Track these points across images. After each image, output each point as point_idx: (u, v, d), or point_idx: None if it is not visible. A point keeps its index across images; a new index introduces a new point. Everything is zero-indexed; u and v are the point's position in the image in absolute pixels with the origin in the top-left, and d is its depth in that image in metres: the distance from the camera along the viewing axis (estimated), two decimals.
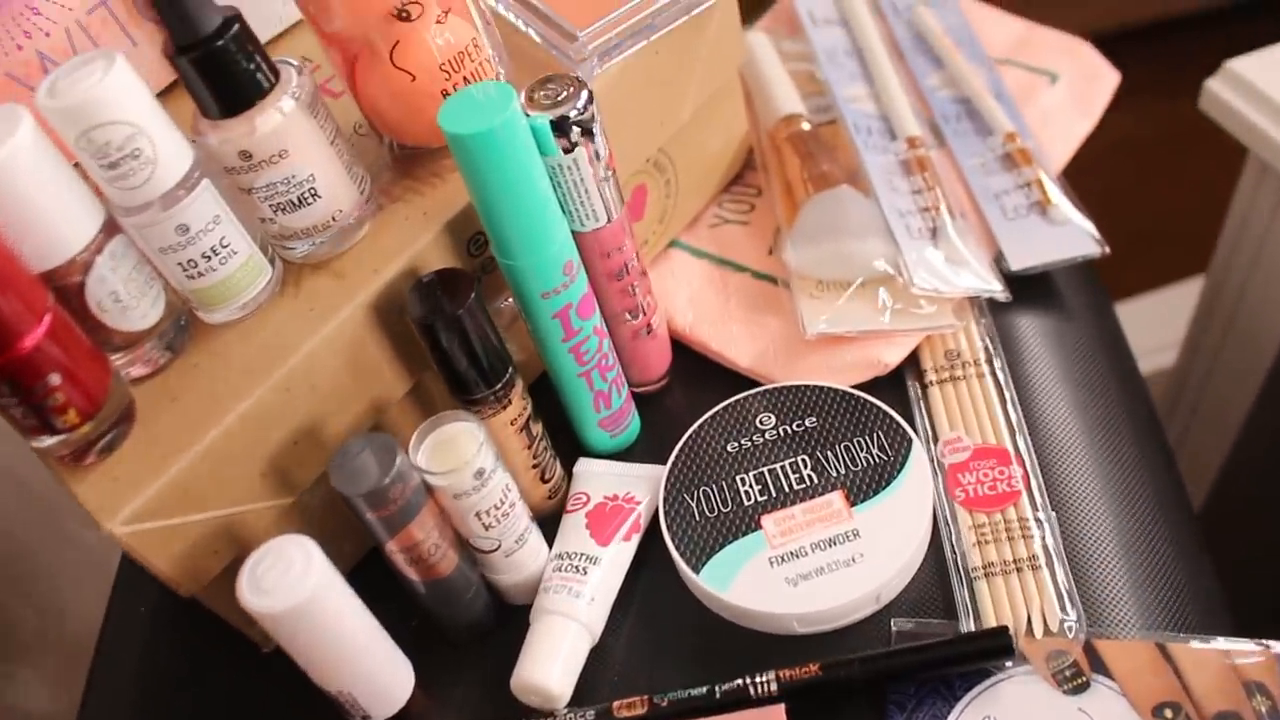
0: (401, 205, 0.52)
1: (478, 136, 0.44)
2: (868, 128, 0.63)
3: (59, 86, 0.43)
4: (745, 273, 0.61)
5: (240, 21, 0.45)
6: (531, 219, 0.47)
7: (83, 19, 0.58)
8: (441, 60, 0.49)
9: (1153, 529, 0.52)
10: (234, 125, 0.46)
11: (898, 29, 0.69)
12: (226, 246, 0.48)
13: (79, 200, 0.45)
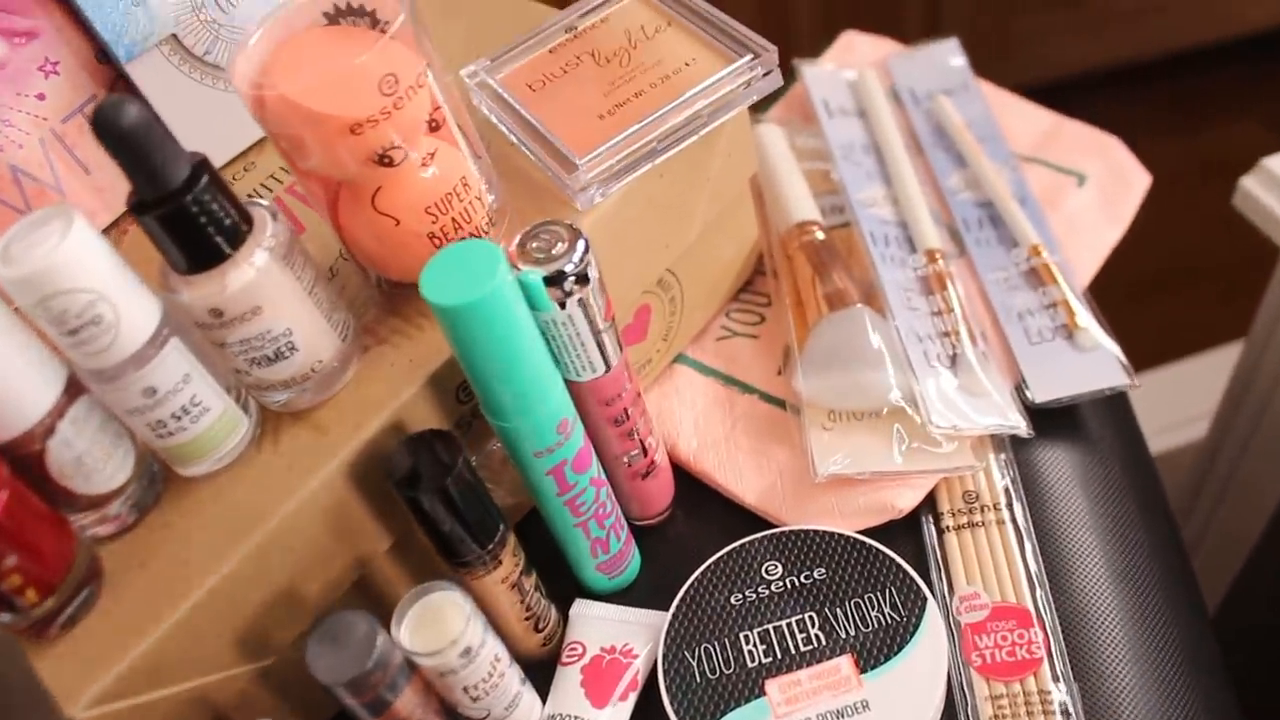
0: (387, 349, 0.48)
1: (464, 308, 0.40)
2: (885, 236, 0.59)
3: (13, 252, 0.40)
4: (754, 394, 0.57)
5: (209, 170, 0.41)
6: (523, 383, 0.43)
7: (58, 128, 0.55)
8: (427, 203, 0.45)
9: (1185, 697, 0.48)
10: (204, 281, 0.42)
11: (917, 120, 0.65)
12: (198, 405, 0.44)
13: (37, 366, 0.41)
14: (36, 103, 0.54)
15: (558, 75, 0.53)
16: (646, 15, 0.54)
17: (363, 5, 0.45)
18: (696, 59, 0.51)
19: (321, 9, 0.45)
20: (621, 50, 0.53)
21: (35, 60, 0.53)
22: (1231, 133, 1.42)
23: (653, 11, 0.54)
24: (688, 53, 0.52)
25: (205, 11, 0.55)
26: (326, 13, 0.45)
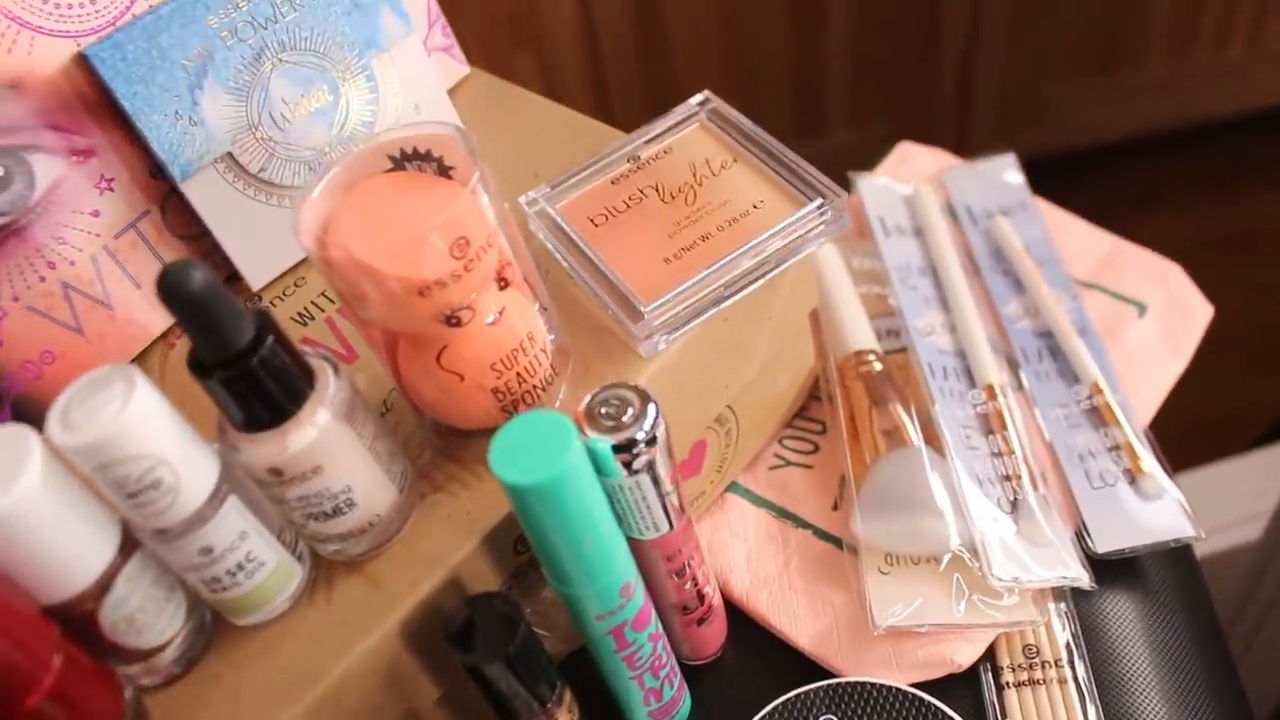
0: (444, 498, 0.47)
1: (535, 487, 0.39)
2: (943, 368, 0.58)
3: (73, 417, 0.38)
4: (808, 530, 0.56)
5: (274, 330, 0.40)
6: (589, 553, 0.42)
7: (110, 244, 0.53)
8: (493, 360, 0.44)
9: None
10: (264, 440, 0.41)
11: (974, 239, 0.64)
12: (253, 560, 0.43)
13: (94, 525, 0.40)
14: (91, 219, 0.52)
15: (621, 210, 0.51)
16: (711, 148, 0.53)
17: (430, 150, 0.44)
18: (764, 201, 0.50)
19: (387, 153, 0.44)
20: (687, 186, 0.51)
21: (92, 177, 0.52)
22: (1262, 203, 1.40)
23: (718, 144, 0.53)
24: (755, 193, 0.50)
25: (261, 129, 0.54)
26: (392, 156, 0.44)
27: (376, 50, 0.56)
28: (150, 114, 0.51)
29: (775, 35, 1.26)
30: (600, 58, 1.24)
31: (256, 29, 0.52)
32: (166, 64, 0.51)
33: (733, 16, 1.23)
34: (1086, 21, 1.26)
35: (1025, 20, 1.25)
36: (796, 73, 1.27)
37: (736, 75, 1.27)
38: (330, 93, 0.55)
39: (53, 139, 0.51)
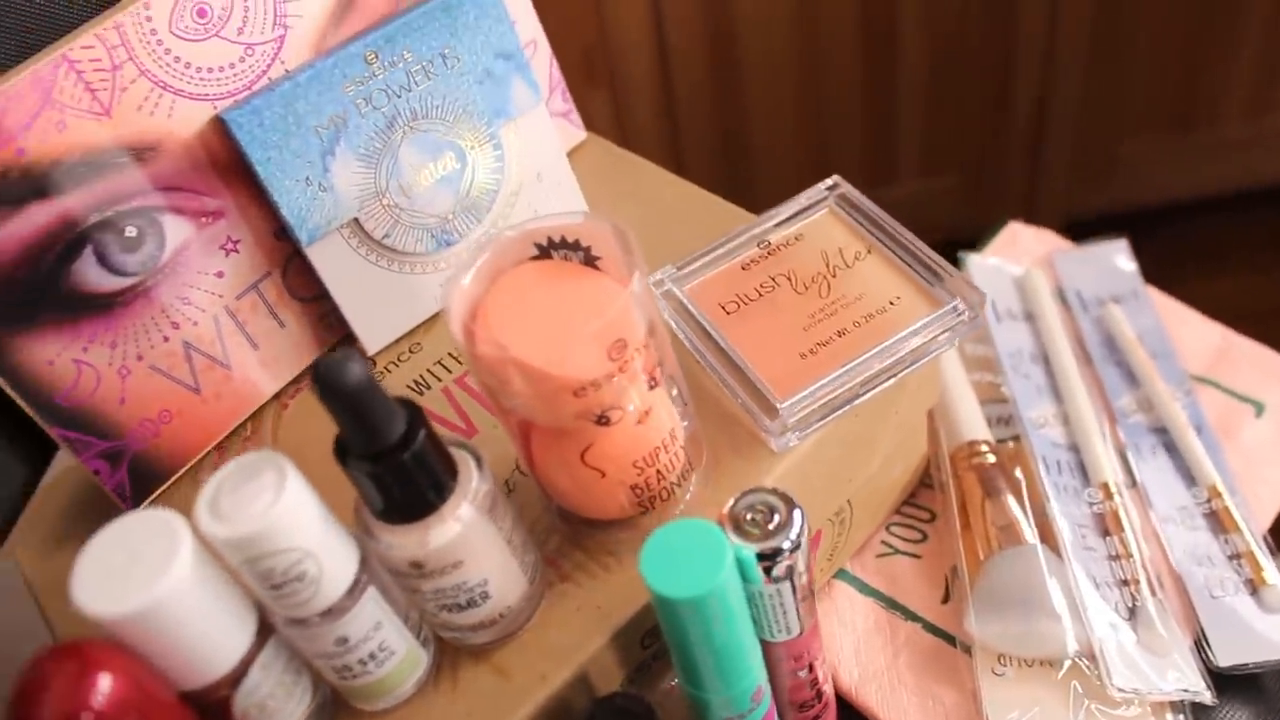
0: (572, 588, 0.46)
1: (689, 601, 0.38)
2: (1057, 463, 0.57)
3: (223, 507, 0.38)
4: (917, 623, 0.55)
5: (425, 424, 0.39)
6: (728, 660, 0.41)
7: (231, 304, 0.53)
8: (635, 458, 0.43)
9: None
10: (406, 532, 0.41)
11: (1085, 327, 0.63)
12: (385, 649, 0.43)
13: (234, 613, 0.40)
14: (215, 280, 0.52)
15: (753, 298, 0.51)
16: (844, 237, 0.52)
17: (578, 240, 0.43)
18: (901, 298, 0.49)
19: (534, 240, 0.44)
20: (820, 277, 0.51)
21: (218, 239, 0.52)
22: None
23: (850, 234, 0.52)
24: (891, 289, 0.49)
25: (388, 196, 0.53)
26: (538, 244, 0.44)
27: (505, 119, 0.55)
28: (282, 179, 0.51)
29: (848, 79, 1.25)
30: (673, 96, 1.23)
31: (390, 97, 0.52)
32: (301, 130, 0.50)
33: (807, 59, 1.23)
34: (1163, 79, 1.25)
35: (1100, 74, 1.24)
36: (868, 117, 1.27)
37: (808, 117, 1.27)
38: (457, 160, 0.55)
39: (184, 201, 0.50)
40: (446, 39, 0.52)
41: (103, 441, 0.51)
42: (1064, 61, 1.23)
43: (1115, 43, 1.22)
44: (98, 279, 0.49)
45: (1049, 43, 1.21)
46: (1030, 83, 1.25)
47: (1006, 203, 1.35)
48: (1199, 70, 1.25)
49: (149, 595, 0.36)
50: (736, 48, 1.21)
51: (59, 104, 0.46)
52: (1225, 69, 1.25)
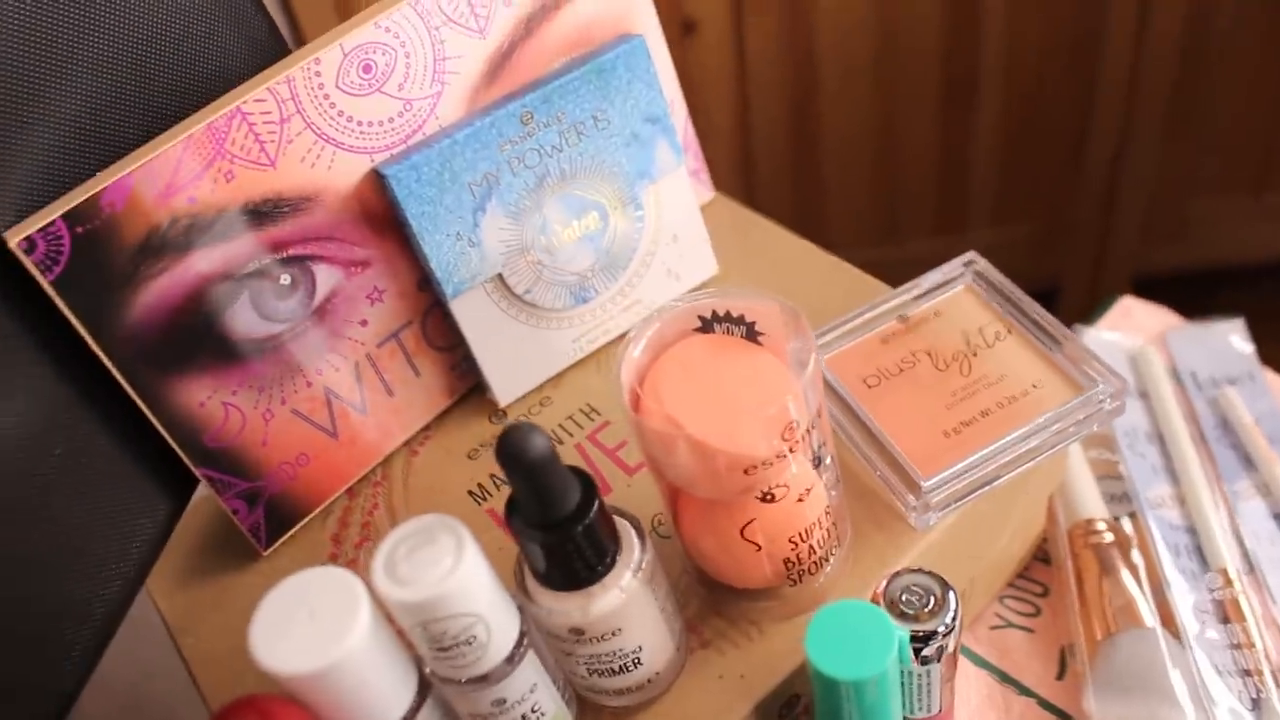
0: (713, 655, 0.47)
1: (855, 683, 0.39)
2: (1175, 545, 0.58)
3: (401, 571, 0.39)
4: (1031, 698, 0.56)
5: (598, 497, 0.40)
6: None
7: (372, 352, 0.54)
8: (792, 534, 0.44)
9: None
10: (568, 599, 0.41)
11: (1200, 407, 0.64)
12: (537, 711, 0.43)
13: (400, 673, 0.40)
14: (359, 328, 0.53)
15: (894, 373, 0.51)
16: (983, 316, 0.53)
17: (742, 315, 0.44)
18: (1042, 382, 0.50)
19: (698, 313, 0.44)
20: (961, 355, 0.51)
21: (365, 289, 0.53)
22: None
23: (988, 312, 0.53)
24: (1033, 373, 0.50)
25: (532, 253, 0.54)
26: (702, 316, 0.45)
27: (648, 180, 0.56)
28: (434, 233, 0.52)
29: (925, 127, 1.26)
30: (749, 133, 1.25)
31: (542, 156, 0.53)
32: (455, 186, 0.51)
33: (887, 104, 1.24)
34: (1239, 139, 1.26)
35: (1177, 132, 1.25)
36: (943, 164, 1.28)
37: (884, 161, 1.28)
38: (600, 219, 0.56)
39: (337, 250, 0.52)
40: (599, 102, 0.53)
41: (243, 482, 0.52)
42: (1141, 118, 1.24)
43: (1193, 102, 1.23)
44: (252, 325, 0.50)
45: (1128, 99, 1.22)
46: (1106, 137, 1.26)
47: (1076, 255, 1.36)
48: (1274, 132, 1.26)
49: (330, 656, 0.37)
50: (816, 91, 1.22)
51: (229, 154, 0.47)
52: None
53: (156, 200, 0.46)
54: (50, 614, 0.47)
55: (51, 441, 0.47)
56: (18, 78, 0.44)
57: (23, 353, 0.46)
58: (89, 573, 0.48)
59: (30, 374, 0.46)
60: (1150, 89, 1.21)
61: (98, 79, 0.47)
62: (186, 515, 0.57)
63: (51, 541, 0.47)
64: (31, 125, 0.45)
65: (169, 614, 0.54)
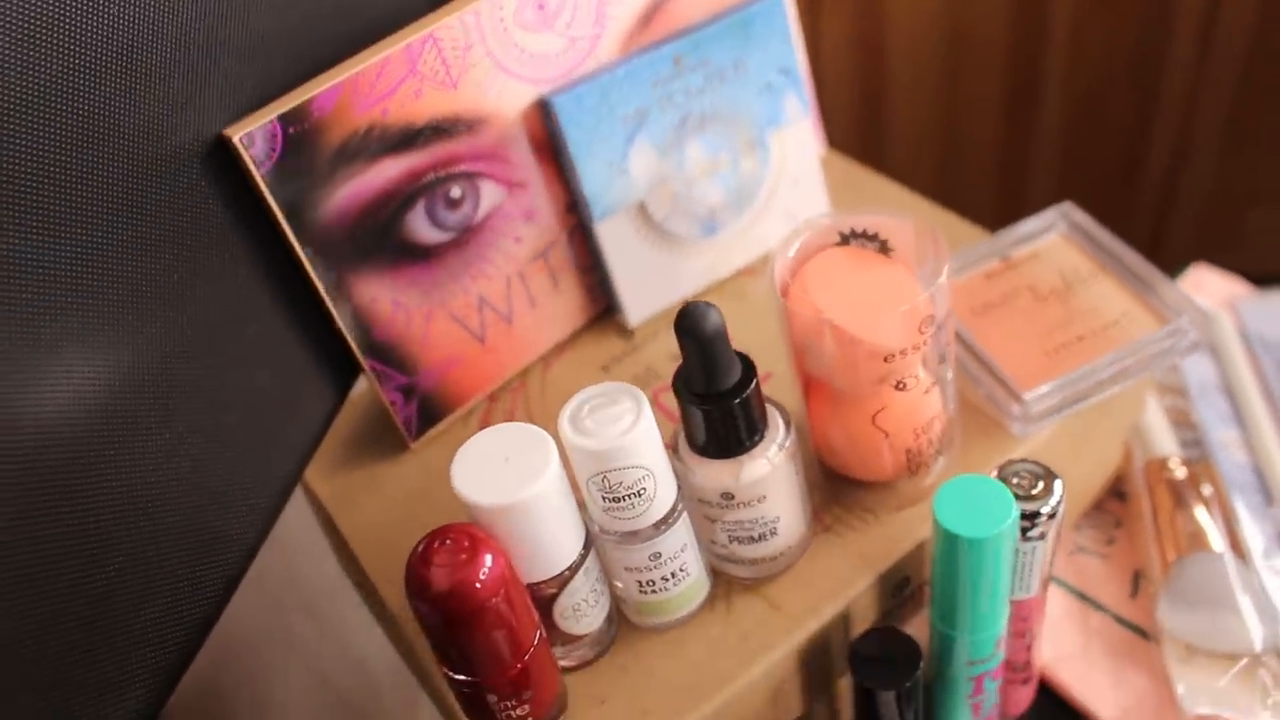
0: (834, 538, 0.54)
1: (974, 541, 0.46)
2: (1242, 483, 0.65)
3: (585, 424, 0.46)
4: (1107, 614, 0.63)
5: (754, 376, 0.48)
6: (984, 604, 0.49)
7: (523, 267, 0.62)
8: (917, 425, 0.51)
9: None
10: (723, 467, 0.49)
11: (1267, 366, 0.71)
12: (684, 571, 0.51)
13: (572, 524, 0.48)
14: (513, 244, 0.61)
15: (997, 303, 0.59)
16: (1078, 259, 0.61)
17: (877, 233, 0.52)
18: (1132, 315, 0.57)
19: (838, 229, 0.52)
20: (1058, 290, 0.59)
21: (521, 207, 0.61)
22: None
23: (1083, 256, 0.61)
24: (1123, 307, 0.58)
25: (671, 185, 0.62)
26: (842, 232, 0.52)
27: (776, 127, 0.64)
28: (589, 159, 0.59)
29: (988, 128, 1.34)
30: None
31: (687, 97, 0.61)
32: (611, 118, 0.59)
33: (949, 106, 1.32)
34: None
35: (1237, 143, 1.33)
36: (1003, 167, 1.36)
37: (945, 159, 1.36)
38: (731, 160, 0.64)
39: (500, 169, 0.59)
40: (739, 51, 0.61)
41: (402, 376, 0.60)
42: (1201, 128, 1.32)
43: (1254, 113, 1.31)
44: (425, 231, 0.58)
45: (1188, 108, 1.30)
46: (1165, 145, 1.34)
47: None
48: None
49: (523, 493, 0.45)
50: (887, 85, 1.31)
51: (420, 74, 0.55)
52: None
53: (356, 109, 0.54)
54: (242, 473, 0.54)
55: (247, 321, 0.54)
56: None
57: (230, 240, 0.53)
58: (274, 441, 0.56)
59: (233, 259, 0.53)
60: (1211, 99, 1.29)
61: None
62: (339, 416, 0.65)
63: (243, 412, 0.54)
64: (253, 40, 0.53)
65: (325, 496, 0.62)
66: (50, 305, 0.43)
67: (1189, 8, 1.23)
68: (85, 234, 0.44)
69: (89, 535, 0.45)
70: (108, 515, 0.45)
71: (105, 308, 0.45)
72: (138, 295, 0.47)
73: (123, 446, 0.46)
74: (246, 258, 0.54)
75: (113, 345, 0.46)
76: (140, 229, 0.47)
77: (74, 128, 0.43)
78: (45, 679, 0.44)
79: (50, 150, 0.42)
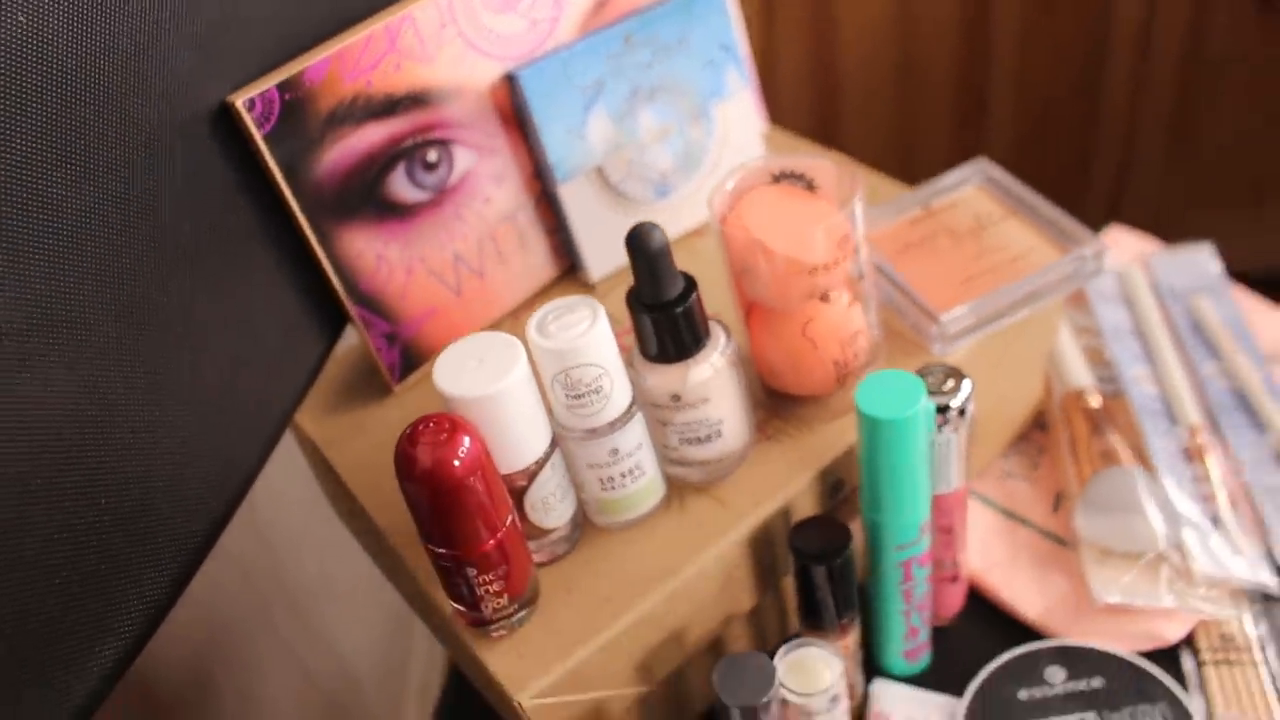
0: (775, 445, 0.63)
1: (895, 423, 0.55)
2: (1151, 409, 0.74)
3: (549, 328, 0.55)
4: (1032, 529, 0.71)
5: (696, 289, 0.56)
6: (906, 487, 0.58)
7: (494, 227, 0.70)
8: (842, 336, 0.60)
9: None
10: (671, 371, 0.57)
11: (1175, 313, 0.80)
12: (640, 468, 0.59)
13: (539, 421, 0.56)
14: (484, 205, 0.70)
15: (919, 244, 0.68)
16: (991, 205, 0.70)
17: (804, 174, 0.61)
18: (1038, 247, 0.67)
19: (770, 170, 0.61)
20: (972, 231, 0.68)
21: (492, 171, 0.70)
22: None
23: (996, 203, 0.70)
24: (1030, 241, 0.67)
25: (624, 151, 0.71)
26: (773, 173, 0.61)
27: (719, 99, 0.74)
28: (551, 126, 0.69)
29: (938, 138, 1.45)
30: None
31: (638, 70, 0.70)
32: (570, 89, 0.68)
33: (904, 112, 1.43)
34: (1242, 152, 1.44)
35: (1177, 151, 1.43)
36: None
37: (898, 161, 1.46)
38: (679, 128, 0.73)
39: (472, 137, 0.68)
40: (684, 29, 0.71)
41: (386, 324, 0.68)
42: (1143, 137, 1.43)
43: (1193, 121, 1.42)
44: (404, 191, 0.67)
45: (1130, 119, 1.41)
46: (1112, 150, 1.44)
47: None
48: (1268, 148, 1.44)
49: (496, 386, 0.53)
50: (838, 110, 1.41)
51: (400, 50, 0.64)
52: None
53: (344, 80, 0.63)
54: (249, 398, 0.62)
55: (249, 270, 0.63)
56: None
57: (234, 198, 0.62)
58: (276, 374, 0.64)
59: (236, 215, 0.62)
60: (1151, 109, 1.40)
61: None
62: (327, 367, 0.73)
63: (250, 345, 0.62)
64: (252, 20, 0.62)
65: (316, 435, 0.70)
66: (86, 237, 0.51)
67: (1126, 19, 1.35)
68: (114, 184, 0.52)
69: (106, 460, 0.52)
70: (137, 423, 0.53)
71: (130, 250, 0.53)
72: (155, 242, 0.55)
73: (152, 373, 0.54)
74: (248, 214, 0.62)
75: (133, 280, 0.54)
76: (157, 183, 0.55)
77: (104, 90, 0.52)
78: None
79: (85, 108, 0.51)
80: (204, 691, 0.98)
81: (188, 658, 0.98)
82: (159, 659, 0.90)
